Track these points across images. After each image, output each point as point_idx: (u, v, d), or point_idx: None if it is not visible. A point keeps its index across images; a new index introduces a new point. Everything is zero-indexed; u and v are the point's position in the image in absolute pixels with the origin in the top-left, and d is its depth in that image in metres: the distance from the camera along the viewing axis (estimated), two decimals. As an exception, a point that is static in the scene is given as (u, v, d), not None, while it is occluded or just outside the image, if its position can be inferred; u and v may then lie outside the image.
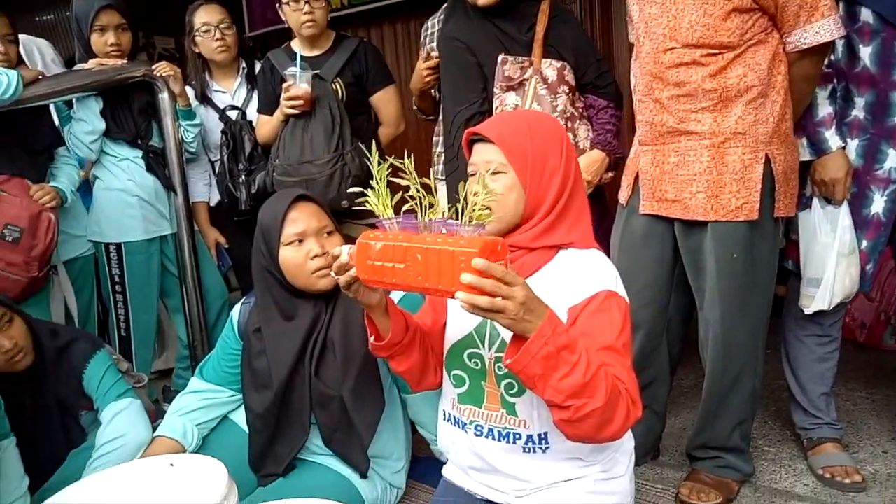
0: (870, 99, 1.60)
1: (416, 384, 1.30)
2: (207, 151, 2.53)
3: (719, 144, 1.52)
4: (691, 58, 1.50)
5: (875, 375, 2.33)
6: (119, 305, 2.37)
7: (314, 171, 2.06)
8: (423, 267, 0.98)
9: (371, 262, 1.05)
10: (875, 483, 1.73)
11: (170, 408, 1.75)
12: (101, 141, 2.26)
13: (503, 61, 1.90)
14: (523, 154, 1.18)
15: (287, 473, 1.62)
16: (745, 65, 1.48)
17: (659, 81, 1.56)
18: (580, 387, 0.99)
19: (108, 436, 1.69)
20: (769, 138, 1.51)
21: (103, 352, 1.85)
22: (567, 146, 1.22)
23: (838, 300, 1.67)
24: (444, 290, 0.97)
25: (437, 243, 0.97)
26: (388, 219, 1.07)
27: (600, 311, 1.12)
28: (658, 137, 1.60)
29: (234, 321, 1.72)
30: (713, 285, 1.59)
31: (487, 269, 0.93)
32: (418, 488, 1.79)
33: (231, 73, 2.48)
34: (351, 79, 2.19)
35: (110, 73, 2.18)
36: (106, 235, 2.31)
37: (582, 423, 1.03)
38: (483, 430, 1.24)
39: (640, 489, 1.71)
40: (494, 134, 1.20)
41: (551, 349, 0.98)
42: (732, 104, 1.50)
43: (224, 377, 1.74)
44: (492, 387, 1.22)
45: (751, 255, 1.55)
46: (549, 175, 1.19)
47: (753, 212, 1.52)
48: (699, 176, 1.54)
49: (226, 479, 1.29)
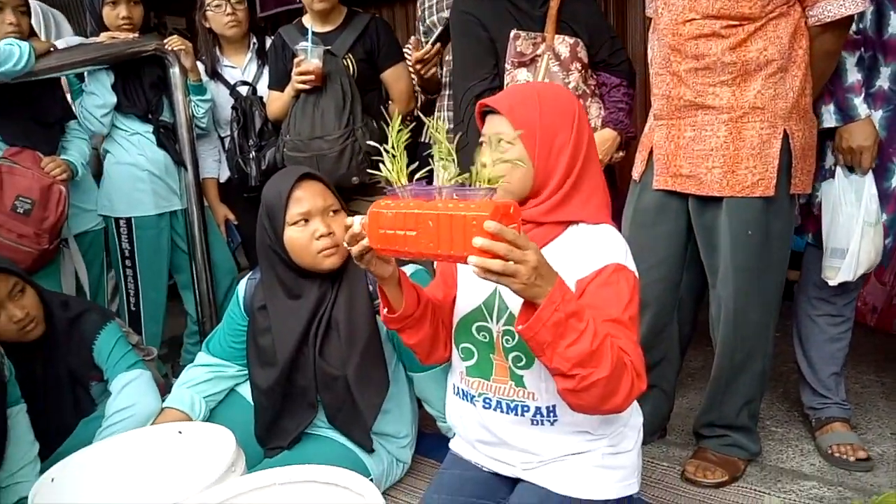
0: (895, 69, 1.57)
1: (426, 357, 1.31)
2: (217, 128, 2.52)
3: (737, 119, 1.50)
4: (711, 29, 1.48)
5: (885, 359, 2.31)
6: (129, 280, 2.38)
7: (325, 147, 2.06)
8: (435, 233, 0.97)
9: (383, 231, 1.05)
10: (882, 464, 1.73)
11: (177, 380, 1.77)
12: (112, 115, 2.26)
13: (515, 37, 1.88)
14: (532, 127, 1.17)
15: (293, 446, 1.63)
16: (766, 38, 1.46)
17: (677, 54, 1.54)
18: (587, 355, 0.99)
19: (117, 405, 1.71)
20: (788, 114, 1.49)
21: (113, 324, 1.87)
22: (579, 121, 1.20)
23: (863, 271, 1.64)
24: (457, 256, 0.96)
25: (449, 209, 0.96)
26: (402, 186, 1.06)
27: (608, 284, 1.12)
28: (674, 111, 1.58)
29: (239, 296, 1.73)
30: (727, 262, 1.58)
31: (499, 233, 0.92)
32: (424, 462, 1.81)
33: (242, 49, 2.47)
34: (362, 55, 2.17)
35: (121, 47, 2.18)
36: (116, 210, 2.32)
37: (586, 394, 1.03)
38: (491, 403, 1.24)
39: (647, 467, 1.71)
40: (504, 106, 1.19)
41: (561, 315, 0.98)
42: (752, 78, 1.48)
43: (230, 352, 1.76)
44: (500, 359, 1.23)
45: (766, 231, 1.54)
46: (559, 149, 1.18)
47: (770, 188, 1.50)
48: (715, 151, 1.52)
49: (233, 447, 1.30)
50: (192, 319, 2.56)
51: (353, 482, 1.17)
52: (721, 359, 1.67)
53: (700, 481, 1.66)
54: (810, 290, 1.80)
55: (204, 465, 1.30)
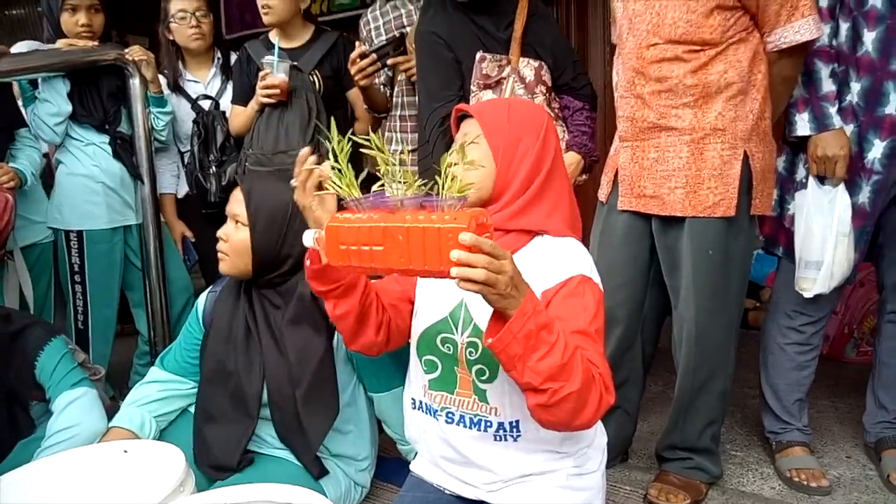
0: (865, 85, 1.62)
1: (351, 338, 1.23)
2: (177, 142, 2.47)
3: (699, 140, 1.53)
4: (674, 53, 1.51)
5: (838, 385, 2.37)
6: (78, 296, 2.28)
7: (288, 162, 2.01)
8: (406, 247, 0.93)
9: (345, 247, 1.00)
10: (839, 487, 1.75)
11: (126, 398, 1.68)
12: (66, 124, 2.19)
13: (481, 59, 1.89)
14: (498, 128, 1.19)
15: (243, 468, 1.56)
16: (727, 62, 1.50)
17: (641, 77, 1.57)
18: (558, 368, 0.98)
19: (60, 424, 1.60)
20: (748, 135, 1.53)
21: (59, 339, 1.77)
22: (547, 132, 1.21)
23: (836, 283, 1.66)
24: (433, 270, 0.93)
25: (420, 221, 0.93)
26: (356, 199, 1.02)
27: (574, 296, 1.12)
28: (638, 133, 1.61)
29: (198, 309, 1.67)
30: (688, 282, 1.59)
31: (477, 244, 0.91)
32: (384, 488, 1.75)
33: (205, 63, 2.44)
34: (329, 72, 2.17)
35: (79, 55, 2.12)
36: (67, 222, 2.23)
37: (557, 409, 1.00)
38: (454, 417, 1.21)
39: (609, 490, 1.69)
40: (475, 108, 1.23)
41: (531, 327, 0.96)
42: (713, 100, 1.51)
43: (185, 367, 1.68)
44: (464, 372, 1.20)
45: (726, 252, 1.56)
46: (522, 154, 1.19)
47: (731, 208, 1.53)
48: (678, 171, 1.55)
49: (182, 466, 1.24)
50: (144, 339, 2.46)
51: (310, 501, 1.12)
52: (683, 380, 1.67)
53: None
54: (781, 319, 1.82)
55: (150, 485, 1.22)
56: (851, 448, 1.94)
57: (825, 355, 2.63)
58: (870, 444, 1.86)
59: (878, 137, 1.62)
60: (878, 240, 1.78)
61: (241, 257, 1.50)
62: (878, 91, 1.60)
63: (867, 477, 1.79)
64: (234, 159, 2.26)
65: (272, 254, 1.50)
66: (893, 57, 1.57)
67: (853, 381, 2.35)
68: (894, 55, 1.57)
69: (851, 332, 2.65)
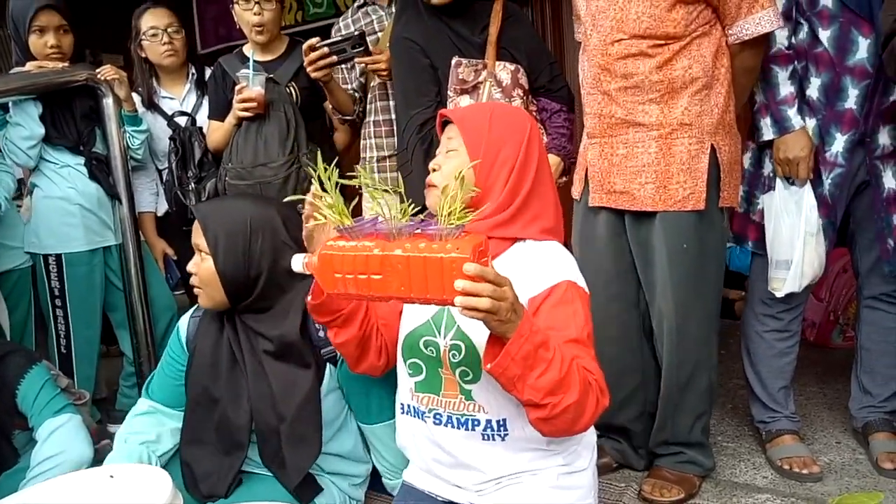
0: (825, 80, 1.64)
1: (355, 363, 1.27)
2: (155, 160, 2.45)
3: (666, 135, 1.55)
4: (638, 49, 1.53)
5: (826, 371, 2.38)
6: (59, 321, 2.25)
7: (268, 175, 2.01)
8: (406, 276, 0.93)
9: (340, 276, 0.99)
10: (831, 472, 1.76)
11: (120, 431, 1.58)
12: (39, 147, 2.16)
13: (457, 64, 1.89)
14: (478, 136, 1.19)
15: (231, 493, 1.52)
16: (691, 56, 1.52)
17: (607, 73, 1.58)
18: (556, 383, 1.00)
19: (44, 453, 1.59)
20: (714, 129, 1.55)
21: (40, 366, 1.75)
22: (530, 140, 1.21)
23: (807, 281, 1.69)
24: (435, 299, 0.94)
25: (420, 249, 0.93)
26: (348, 227, 1.01)
27: (563, 303, 1.12)
28: (606, 129, 1.62)
29: (181, 334, 1.61)
30: (665, 277, 1.60)
31: (481, 274, 0.91)
32: (378, 499, 1.74)
33: (179, 79, 2.42)
34: (305, 83, 2.15)
35: (50, 76, 2.10)
36: (45, 246, 2.20)
37: (558, 420, 1.03)
38: (442, 419, 1.22)
39: (602, 487, 1.69)
40: (457, 114, 1.23)
41: (529, 348, 0.97)
42: (678, 95, 1.53)
43: (171, 395, 1.61)
44: (448, 374, 1.21)
45: (700, 245, 1.58)
46: (503, 163, 1.18)
47: (700, 202, 1.55)
48: (647, 167, 1.56)
49: (170, 489, 1.21)
50: (129, 361, 2.43)
51: (301, 519, 1.10)
52: (668, 376, 1.67)
53: (657, 500, 1.65)
54: (757, 306, 1.84)
55: (138, 510, 1.20)
56: (840, 433, 1.96)
57: (812, 342, 2.66)
58: (857, 428, 1.88)
59: (840, 132, 1.65)
60: (849, 226, 1.80)
61: (213, 288, 1.45)
62: (837, 86, 1.63)
63: (857, 461, 1.80)
64: (214, 175, 2.23)
65: (241, 276, 1.44)
66: (849, 53, 1.61)
67: (840, 367, 2.36)
68: (850, 51, 1.60)
69: (837, 318, 2.67)
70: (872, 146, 1.68)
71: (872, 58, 1.60)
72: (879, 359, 1.83)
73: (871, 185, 1.71)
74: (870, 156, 1.68)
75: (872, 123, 1.66)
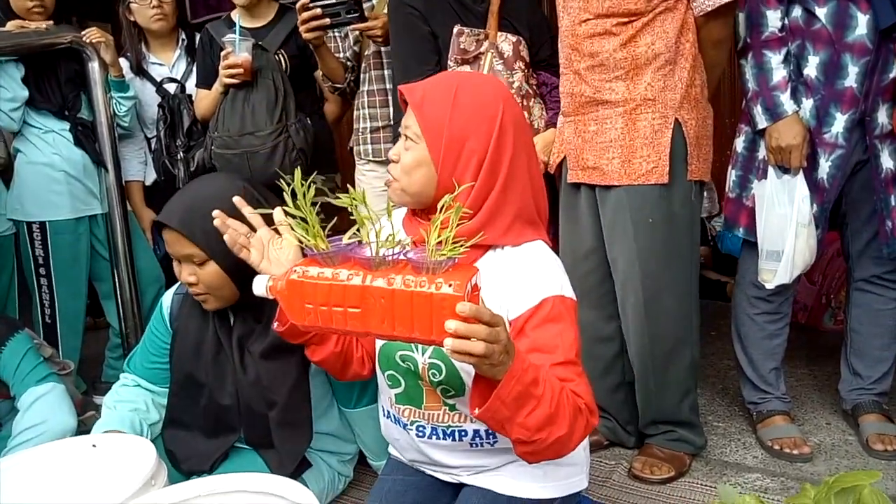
0: (823, 58, 1.61)
1: (339, 374, 1.22)
2: (143, 127, 2.40)
3: (631, 111, 1.56)
4: (603, 28, 1.54)
5: (816, 354, 2.38)
6: (43, 289, 2.21)
7: (255, 144, 1.96)
8: (389, 312, 0.83)
9: (312, 306, 0.87)
10: (821, 453, 1.76)
11: (107, 399, 1.54)
12: (23, 110, 2.10)
13: (459, 32, 1.84)
14: (439, 127, 1.03)
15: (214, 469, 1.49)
16: (654, 33, 1.53)
17: (576, 53, 1.61)
18: (546, 418, 0.93)
19: (26, 422, 1.56)
20: (679, 104, 1.56)
21: (22, 334, 1.71)
22: (502, 130, 1.04)
23: (798, 272, 1.67)
24: (421, 339, 0.84)
25: (407, 283, 0.82)
26: (323, 253, 0.90)
27: (551, 321, 1.02)
28: (578, 108, 1.64)
29: (163, 310, 1.56)
30: (632, 251, 1.60)
31: (476, 315, 0.82)
32: (367, 473, 1.73)
33: (169, 45, 2.36)
34: (295, 51, 2.10)
35: (33, 37, 2.04)
36: (28, 213, 2.16)
37: (548, 451, 0.97)
38: (426, 431, 1.17)
39: (592, 464, 1.67)
40: (417, 96, 1.06)
41: (520, 388, 0.89)
42: (642, 72, 1.54)
43: (153, 372, 1.57)
44: (429, 387, 1.14)
45: (667, 218, 1.58)
46: (469, 156, 1.03)
47: (663, 175, 1.55)
48: (614, 142, 1.58)
49: (153, 459, 1.19)
50: (115, 332, 2.40)
51: (287, 490, 1.08)
52: (641, 352, 1.65)
53: (647, 478, 1.65)
54: (748, 289, 1.82)
55: (120, 479, 1.18)
56: (830, 415, 1.95)
57: (803, 324, 2.65)
58: (847, 410, 1.88)
59: (840, 111, 1.62)
60: (841, 209, 1.78)
61: (221, 289, 1.36)
62: (837, 64, 1.60)
63: (847, 442, 1.81)
64: (203, 144, 2.19)
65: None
66: (848, 29, 1.57)
67: (830, 350, 2.36)
68: (848, 27, 1.57)
69: (829, 301, 2.66)
70: (872, 125, 1.64)
71: (872, 33, 1.56)
72: (869, 341, 1.82)
73: (866, 166, 1.68)
74: (869, 135, 1.65)
75: (872, 102, 1.63)
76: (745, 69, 1.70)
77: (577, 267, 1.66)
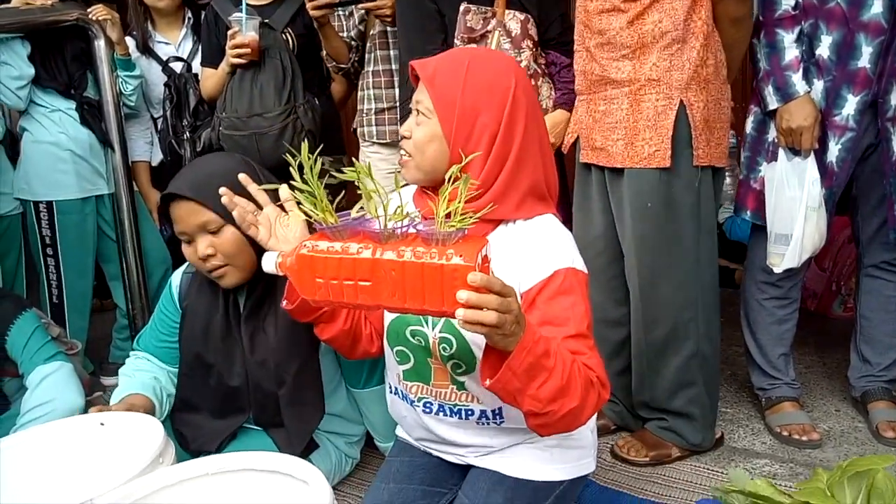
0: (837, 38, 1.58)
1: (348, 352, 1.23)
2: (150, 107, 2.38)
3: (636, 91, 1.53)
4: (612, 4, 1.52)
5: (826, 341, 2.37)
6: (50, 269, 2.21)
7: (264, 125, 1.95)
8: (400, 284, 0.84)
9: (322, 281, 0.88)
10: (830, 440, 1.75)
11: (123, 370, 1.55)
12: (29, 88, 2.09)
13: (465, 10, 1.82)
14: (451, 101, 1.03)
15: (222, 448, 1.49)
16: (662, 10, 1.49)
17: (587, 30, 1.58)
18: (558, 390, 0.93)
19: (35, 400, 1.56)
20: (685, 85, 1.51)
21: (30, 313, 1.71)
22: (514, 105, 1.05)
23: (807, 256, 1.65)
24: (432, 310, 0.85)
25: (418, 255, 0.83)
26: (332, 227, 0.90)
27: (562, 294, 1.03)
28: (590, 86, 1.61)
29: (173, 289, 1.56)
30: (630, 234, 1.58)
31: (487, 285, 0.82)
32: (374, 455, 1.73)
33: (175, 24, 2.33)
34: (302, 29, 2.07)
35: (38, 15, 2.02)
36: (35, 193, 2.15)
37: (560, 423, 0.98)
38: (433, 408, 1.17)
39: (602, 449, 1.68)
40: (428, 71, 1.06)
41: (532, 359, 0.90)
42: (649, 51, 1.51)
43: (163, 351, 1.57)
44: (438, 364, 1.14)
45: (668, 204, 1.55)
46: (481, 131, 1.03)
47: (665, 159, 1.51)
48: (619, 123, 1.55)
49: (161, 437, 1.19)
50: (122, 313, 2.40)
51: (295, 468, 1.08)
52: (636, 336, 1.64)
53: (622, 456, 1.66)
54: (757, 274, 1.81)
55: (128, 457, 1.18)
56: (840, 402, 1.94)
57: (813, 311, 2.64)
58: (856, 397, 1.87)
59: (852, 92, 1.59)
60: (851, 193, 1.76)
61: (241, 255, 1.35)
62: (851, 44, 1.57)
63: (856, 429, 1.80)
64: (209, 124, 2.17)
65: None
66: (863, 7, 1.54)
67: (840, 337, 2.34)
68: (864, 5, 1.54)
69: (839, 288, 2.64)
70: (885, 107, 1.62)
71: (888, 12, 1.53)
72: (879, 327, 1.81)
73: (876, 150, 1.66)
74: (881, 117, 1.62)
75: (886, 83, 1.60)
76: (756, 48, 1.66)
77: (588, 249, 1.63)
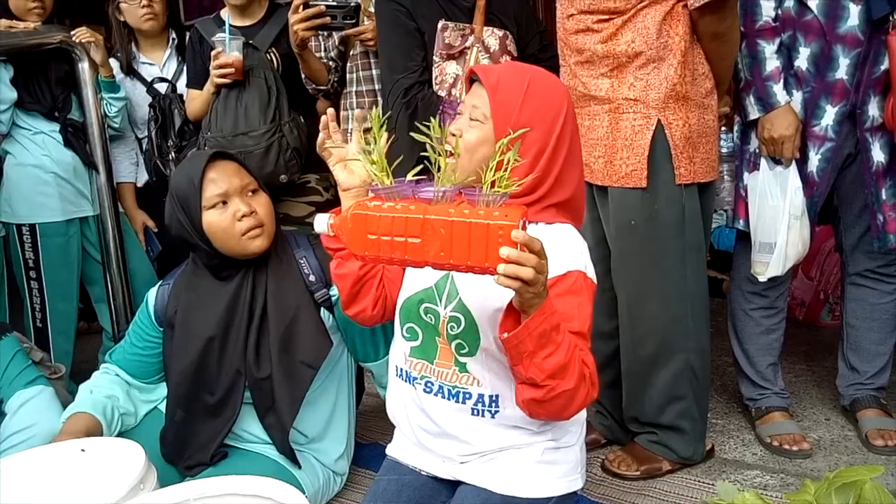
0: (815, 50, 1.60)
1: (347, 302, 1.25)
2: (134, 128, 2.38)
3: (614, 110, 1.54)
4: (586, 24, 1.53)
5: (814, 349, 2.37)
6: (34, 293, 2.19)
7: (249, 144, 1.94)
8: (448, 241, 0.91)
9: (374, 237, 0.96)
10: (820, 449, 1.75)
11: (85, 385, 1.56)
12: (12, 112, 2.08)
13: (443, 27, 1.83)
14: (509, 111, 1.11)
15: (216, 462, 1.50)
16: (634, 30, 1.50)
17: (566, 47, 1.60)
18: (559, 367, 0.99)
19: (14, 426, 1.54)
20: (663, 104, 1.50)
21: (10, 338, 1.69)
22: (565, 123, 1.14)
23: (791, 264, 1.66)
24: (476, 266, 0.92)
25: (465, 215, 0.91)
26: (388, 188, 0.98)
27: (571, 293, 1.10)
28: (576, 101, 1.61)
29: (149, 305, 1.58)
30: (615, 251, 1.60)
31: (528, 243, 0.90)
32: (361, 474, 1.72)
33: (160, 45, 2.34)
34: (286, 49, 2.07)
35: (21, 38, 2.01)
36: (18, 216, 2.13)
37: (550, 404, 1.03)
38: (433, 387, 1.19)
39: (591, 462, 1.67)
40: (491, 81, 1.13)
41: (547, 326, 0.97)
42: (625, 69, 1.52)
43: (134, 364, 1.58)
44: (444, 343, 1.18)
45: (652, 222, 1.54)
46: (529, 145, 1.10)
47: (641, 180, 1.52)
48: (600, 141, 1.56)
49: (143, 462, 1.18)
50: (108, 335, 2.37)
51: (277, 492, 1.07)
52: (626, 350, 1.64)
53: (612, 470, 1.65)
54: (743, 284, 1.82)
55: (109, 483, 1.16)
56: (829, 410, 1.95)
57: (801, 320, 2.64)
58: (846, 406, 1.87)
59: (830, 103, 1.61)
60: (833, 203, 1.77)
61: (270, 224, 1.46)
62: (828, 56, 1.59)
63: (846, 438, 1.80)
64: (194, 144, 2.17)
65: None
66: (840, 20, 1.56)
67: (828, 345, 2.35)
68: (840, 18, 1.56)
69: (826, 297, 2.66)
70: (863, 118, 1.63)
71: (864, 24, 1.55)
72: (865, 335, 1.81)
73: (856, 160, 1.67)
74: (860, 128, 1.64)
75: (863, 94, 1.62)
76: (738, 59, 1.68)
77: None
